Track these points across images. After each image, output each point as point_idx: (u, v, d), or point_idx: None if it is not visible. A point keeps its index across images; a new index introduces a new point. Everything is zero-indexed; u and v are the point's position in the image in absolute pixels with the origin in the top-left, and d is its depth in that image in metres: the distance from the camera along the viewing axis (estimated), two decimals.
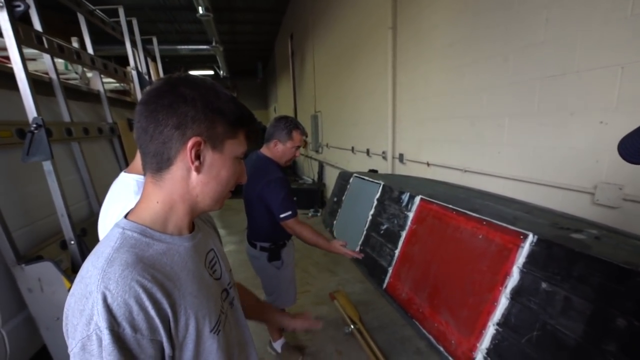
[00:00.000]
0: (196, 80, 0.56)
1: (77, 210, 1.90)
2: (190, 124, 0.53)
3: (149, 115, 0.53)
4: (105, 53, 5.74)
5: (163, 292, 0.50)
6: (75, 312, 0.46)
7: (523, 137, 1.86)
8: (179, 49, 8.35)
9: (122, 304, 0.45)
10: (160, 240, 0.55)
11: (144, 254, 0.52)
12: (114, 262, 0.48)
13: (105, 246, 0.51)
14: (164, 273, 0.52)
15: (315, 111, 6.72)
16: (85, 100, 2.38)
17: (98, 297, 0.44)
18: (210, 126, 0.55)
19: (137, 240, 0.53)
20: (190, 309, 0.54)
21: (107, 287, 0.45)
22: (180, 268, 0.55)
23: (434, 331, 1.76)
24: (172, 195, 0.57)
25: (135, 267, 0.48)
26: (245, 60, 14.75)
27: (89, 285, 0.46)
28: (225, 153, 0.58)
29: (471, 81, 2.21)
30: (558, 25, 1.61)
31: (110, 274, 0.47)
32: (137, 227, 0.54)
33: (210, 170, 0.57)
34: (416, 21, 2.78)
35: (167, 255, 0.55)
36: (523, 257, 1.42)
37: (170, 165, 0.55)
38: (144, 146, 0.55)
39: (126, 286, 0.46)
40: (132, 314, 0.46)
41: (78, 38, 2.58)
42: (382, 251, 2.50)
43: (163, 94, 0.53)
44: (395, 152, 3.39)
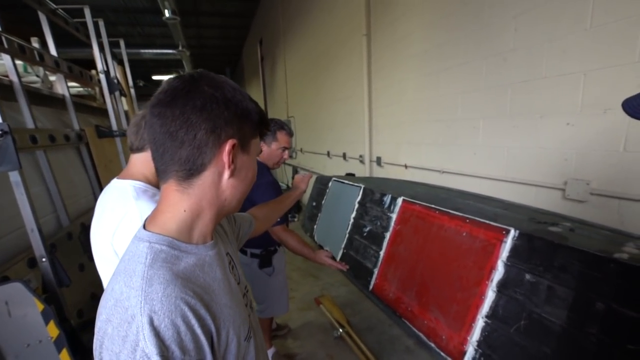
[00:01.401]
0: (216, 78, 0.53)
1: (44, 224, 1.74)
2: (224, 126, 0.50)
3: (177, 119, 0.48)
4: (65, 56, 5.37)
5: (205, 307, 0.47)
6: (115, 339, 0.41)
7: (497, 138, 1.98)
8: (143, 53, 8.00)
9: (169, 325, 0.42)
10: (188, 252, 0.51)
11: (177, 267, 0.48)
12: (152, 281, 0.44)
13: (135, 263, 0.46)
14: (200, 286, 0.49)
15: (288, 116, 6.70)
16: (47, 106, 2.21)
17: (144, 321, 0.41)
18: (240, 127, 0.53)
19: (167, 253, 0.49)
20: (228, 320, 0.51)
21: (153, 309, 0.42)
22: (212, 279, 0.53)
23: (424, 328, 1.81)
24: (201, 202, 0.53)
25: (176, 284, 0.45)
26: (213, 65, 14.42)
27: (130, 309, 0.42)
28: (251, 153, 0.57)
29: (446, 86, 2.32)
30: (526, 35, 1.74)
31: (152, 294, 0.43)
32: (164, 239, 0.50)
33: (240, 172, 0.55)
34: (390, 28, 2.88)
35: (198, 267, 0.51)
36: (506, 252, 1.50)
37: (203, 170, 0.51)
38: (169, 152, 0.50)
39: (172, 305, 0.43)
40: (180, 335, 0.43)
41: (39, 39, 2.39)
42: (367, 253, 2.53)
43: (190, 94, 0.49)
44: (373, 156, 3.46)
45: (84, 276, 1.86)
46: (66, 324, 1.46)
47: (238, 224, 0.83)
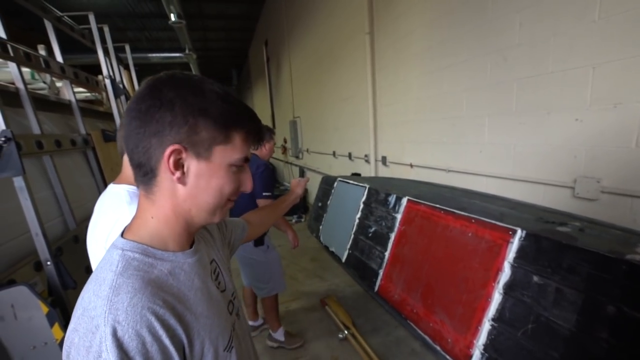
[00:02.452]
0: (181, 79, 0.49)
1: (51, 228, 1.77)
2: (168, 130, 0.47)
3: (129, 123, 0.47)
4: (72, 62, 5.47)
5: (176, 317, 0.45)
6: (80, 349, 0.40)
7: (503, 135, 1.93)
8: (150, 57, 8.10)
9: (134, 336, 0.41)
10: (163, 259, 0.50)
11: (149, 276, 0.46)
12: (120, 290, 0.43)
13: (107, 271, 0.45)
14: (174, 295, 0.47)
15: (294, 117, 6.70)
16: (54, 111, 2.24)
17: (107, 332, 0.40)
18: (191, 131, 0.47)
19: (140, 261, 0.47)
20: (204, 330, 0.50)
21: (116, 319, 0.41)
22: (188, 287, 0.51)
23: (430, 331, 1.78)
24: (165, 209, 0.51)
25: (145, 293, 0.44)
26: (219, 67, 14.53)
27: (95, 319, 0.41)
28: (215, 161, 0.50)
29: (450, 83, 2.28)
30: (531, 29, 1.69)
31: (117, 303, 0.42)
32: (137, 246, 0.49)
33: (198, 181, 0.50)
34: (393, 26, 2.85)
35: (172, 275, 0.49)
36: (513, 252, 1.46)
37: (155, 176, 0.49)
38: (129, 156, 0.49)
39: (137, 315, 0.42)
40: (146, 345, 0.41)
41: (45, 46, 2.44)
42: (372, 254, 2.50)
43: (142, 98, 0.47)
44: (378, 155, 3.43)
45: None
46: None
47: (229, 230, 0.81)
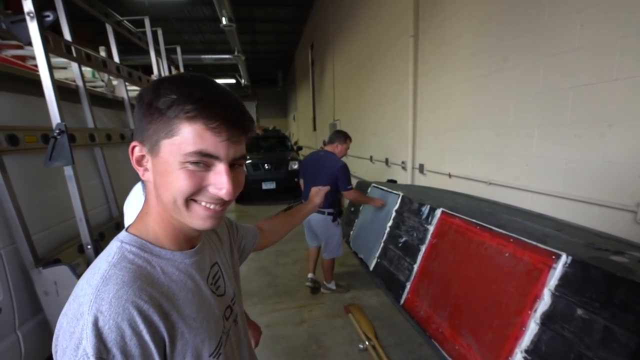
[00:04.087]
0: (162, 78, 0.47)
1: (97, 214, 1.93)
2: (137, 128, 0.47)
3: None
4: (133, 62, 5.99)
5: (160, 315, 0.45)
6: (65, 333, 0.41)
7: (554, 149, 1.74)
8: (203, 59, 8.59)
9: (113, 327, 0.41)
10: (160, 256, 0.50)
11: (141, 270, 0.47)
12: (109, 280, 0.44)
13: (103, 261, 0.47)
14: (163, 292, 0.47)
15: (334, 119, 6.70)
16: (110, 107, 2.45)
17: (89, 320, 0.40)
18: (144, 126, 0.46)
19: (135, 255, 0.48)
20: (189, 333, 0.49)
21: (99, 309, 0.41)
22: (180, 287, 0.50)
23: (455, 353, 1.65)
24: (155, 207, 0.51)
25: (132, 287, 0.44)
26: (266, 69, 15.04)
27: (82, 306, 0.42)
28: (162, 156, 0.45)
29: (497, 90, 2.12)
30: (594, 31, 1.51)
31: (104, 293, 0.42)
32: (136, 240, 0.50)
33: (156, 178, 0.48)
34: (439, 30, 2.72)
35: (165, 273, 0.50)
36: (555, 279, 1.31)
37: (139, 171, 0.50)
38: None
39: (120, 308, 0.42)
40: (125, 339, 0.41)
41: (105, 47, 2.68)
42: (400, 265, 2.40)
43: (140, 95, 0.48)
44: (416, 163, 3.30)
45: None
46: None
47: (240, 235, 0.81)
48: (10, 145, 1.33)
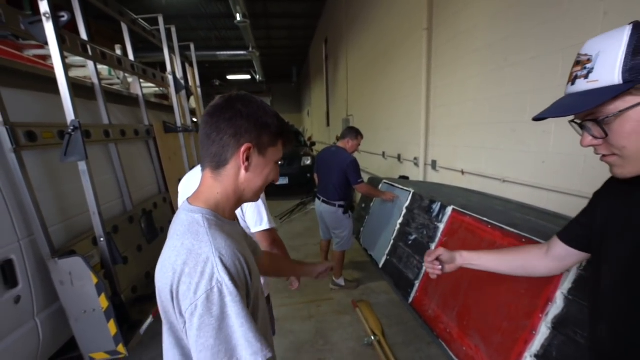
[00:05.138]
0: (249, 99, 0.69)
1: (111, 208, 2.00)
2: (244, 133, 0.66)
3: (212, 125, 0.66)
4: (149, 59, 6.11)
5: (245, 260, 0.63)
6: (193, 275, 0.56)
7: (573, 145, 1.66)
8: (218, 55, 8.68)
9: (232, 264, 0.59)
10: (225, 223, 0.69)
11: (226, 231, 0.65)
12: (215, 236, 0.61)
13: (197, 226, 0.63)
14: (240, 246, 0.66)
15: (347, 115, 6.66)
16: (125, 104, 2.52)
17: (217, 261, 0.57)
18: (258, 136, 0.68)
19: (215, 221, 0.66)
20: (253, 275, 0.66)
21: (221, 253, 0.59)
22: (239, 245, 0.66)
23: (462, 355, 1.62)
24: (228, 188, 0.70)
25: (230, 240, 0.63)
26: (280, 64, 15.06)
27: (203, 254, 0.58)
28: (268, 157, 0.71)
29: (513, 84, 2.04)
30: (619, 18, 1.42)
31: (218, 244, 0.60)
32: (210, 212, 0.67)
33: (256, 169, 0.70)
34: (453, 22, 2.64)
35: (233, 234, 0.68)
36: (569, 282, 1.25)
37: (226, 164, 0.68)
38: (206, 148, 0.68)
39: (231, 252, 0.60)
40: (238, 271, 0.60)
41: (121, 45, 2.74)
42: (410, 263, 2.37)
43: (224, 109, 0.66)
44: (428, 159, 3.24)
45: (141, 256, 2.08)
46: (116, 298, 1.65)
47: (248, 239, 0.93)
48: (29, 141, 1.38)
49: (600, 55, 0.52)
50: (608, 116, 0.54)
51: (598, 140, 0.58)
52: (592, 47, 0.54)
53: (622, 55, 0.49)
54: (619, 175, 0.59)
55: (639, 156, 0.54)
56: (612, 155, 0.57)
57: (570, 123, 0.64)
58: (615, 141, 0.55)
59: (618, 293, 0.62)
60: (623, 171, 0.58)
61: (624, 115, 0.52)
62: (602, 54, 0.52)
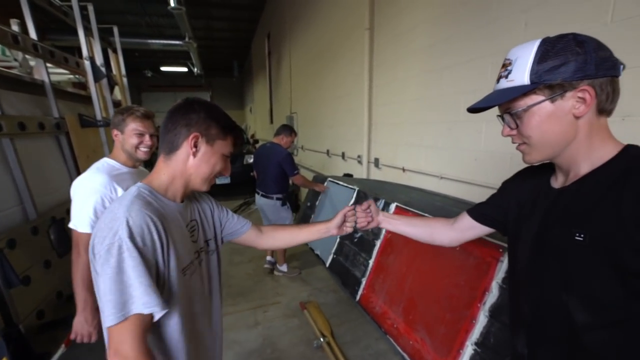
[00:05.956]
0: (206, 102, 0.81)
1: (5, 217, 1.64)
2: (194, 124, 0.78)
3: (170, 119, 0.78)
4: (65, 43, 5.30)
5: (162, 227, 0.71)
6: (104, 230, 0.65)
7: (501, 144, 1.80)
8: (150, 43, 7.89)
9: (138, 225, 0.66)
10: (161, 200, 0.77)
11: (152, 203, 0.73)
12: (134, 203, 0.70)
13: (127, 195, 0.73)
14: (164, 216, 0.74)
15: (291, 112, 6.56)
16: (27, 92, 2.10)
17: (123, 220, 0.65)
18: (207, 127, 0.79)
19: (147, 195, 0.75)
20: (173, 247, 0.73)
21: (130, 215, 0.67)
22: (171, 220, 0.76)
23: (409, 349, 1.66)
24: (175, 171, 0.80)
25: (148, 208, 0.70)
26: (220, 58, 14.32)
27: (117, 214, 0.67)
28: (215, 148, 0.81)
29: (449, 84, 2.15)
30: (538, 30, 1.56)
31: (132, 209, 0.68)
32: (147, 187, 0.77)
33: (203, 157, 0.80)
34: (394, 21, 2.71)
35: (164, 209, 0.76)
36: (503, 272, 1.34)
37: (177, 150, 0.78)
38: (163, 136, 0.79)
39: (141, 216, 0.68)
40: (143, 233, 0.67)
41: (19, 21, 2.29)
42: (356, 260, 2.38)
43: (182, 107, 0.79)
44: (371, 157, 3.30)
45: (50, 274, 1.76)
46: (12, 330, 1.35)
47: (229, 218, 1.03)
48: None
49: (517, 60, 0.63)
50: (518, 110, 0.64)
51: (513, 130, 0.68)
52: (514, 53, 0.65)
53: (531, 61, 0.60)
54: (528, 162, 0.70)
55: (542, 144, 0.65)
56: (523, 144, 0.68)
57: (497, 117, 0.75)
58: (524, 131, 0.65)
59: (532, 263, 0.72)
60: (531, 158, 0.69)
61: (530, 110, 0.63)
62: (519, 59, 0.63)
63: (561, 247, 0.64)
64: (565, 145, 0.64)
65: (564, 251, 0.63)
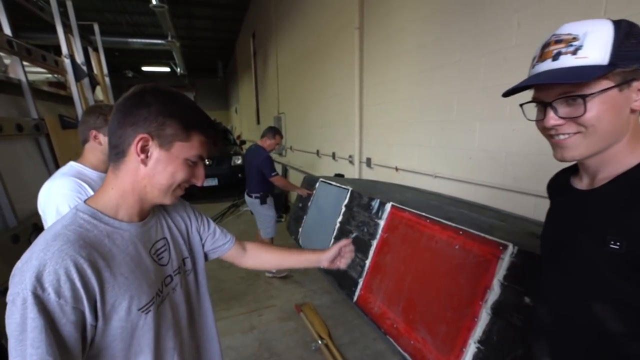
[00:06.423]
0: (162, 90, 0.63)
1: None
2: (141, 123, 0.60)
3: (115, 115, 0.62)
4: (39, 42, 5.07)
5: (93, 270, 0.56)
6: (17, 271, 0.53)
7: (495, 142, 1.82)
8: (130, 42, 7.66)
9: (52, 273, 0.52)
10: (107, 224, 0.62)
11: (87, 234, 0.58)
12: (57, 238, 0.55)
13: (59, 223, 0.59)
14: (101, 253, 0.58)
15: (279, 113, 6.50)
16: (1, 91, 1.98)
17: (34, 264, 0.52)
18: (159, 127, 0.61)
19: (85, 221, 0.60)
20: (119, 288, 0.59)
21: (44, 257, 0.52)
22: (119, 251, 0.62)
23: (410, 348, 1.65)
24: (125, 183, 0.64)
25: (74, 245, 0.55)
26: (204, 58, 14.08)
27: (33, 253, 0.53)
28: (173, 152, 0.63)
29: (441, 85, 2.16)
30: (530, 30, 1.59)
31: (51, 247, 0.54)
32: (89, 209, 0.62)
33: (157, 165, 0.63)
34: (385, 21, 2.71)
35: (109, 238, 0.61)
36: (503, 270, 1.35)
37: (124, 156, 0.62)
38: (109, 140, 0.63)
39: (59, 259, 0.53)
40: (60, 282, 0.52)
41: None
42: (352, 261, 2.36)
43: (130, 98, 0.62)
44: (363, 156, 3.30)
45: None
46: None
47: (211, 232, 0.91)
48: None
49: (589, 36, 0.53)
50: (593, 93, 0.53)
51: (561, 120, 0.58)
52: (576, 29, 0.55)
53: (612, 38, 0.51)
54: (566, 158, 0.60)
55: (600, 137, 0.56)
56: (574, 134, 0.57)
57: (523, 105, 0.66)
58: (587, 120, 0.55)
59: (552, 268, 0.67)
60: (574, 154, 0.59)
61: (601, 96, 0.53)
62: (591, 35, 0.53)
63: (588, 254, 0.58)
64: (615, 141, 0.56)
65: (593, 259, 0.57)
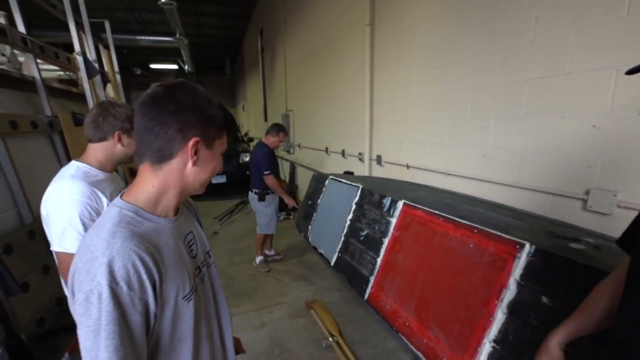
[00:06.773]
0: (191, 89, 0.66)
1: (2, 221, 1.56)
2: (190, 128, 0.64)
3: (154, 118, 0.62)
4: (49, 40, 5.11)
5: (154, 261, 0.60)
6: (82, 271, 0.55)
7: (510, 140, 1.79)
8: (139, 40, 7.70)
9: (121, 267, 0.55)
10: (150, 220, 0.66)
11: (137, 230, 0.62)
12: (115, 235, 0.58)
13: (107, 221, 0.61)
14: (155, 246, 0.62)
15: (287, 110, 6.49)
16: (16, 88, 2.00)
17: (103, 262, 0.55)
18: (205, 130, 0.66)
19: (132, 218, 0.63)
20: (171, 277, 0.64)
21: (111, 254, 0.56)
22: (165, 244, 0.65)
23: (423, 347, 1.64)
24: (167, 181, 0.67)
25: (132, 240, 0.59)
26: (212, 55, 14.11)
27: (95, 252, 0.56)
28: (215, 150, 0.70)
29: (455, 81, 2.13)
30: (548, 25, 1.55)
31: (113, 244, 0.57)
32: (132, 207, 0.65)
33: (203, 163, 0.69)
34: (396, 18, 2.68)
35: (155, 232, 0.65)
36: (520, 269, 1.33)
37: (171, 158, 0.65)
38: (147, 142, 0.64)
39: (125, 254, 0.57)
40: (129, 275, 0.56)
41: (5, 13, 2.17)
42: (363, 259, 2.35)
43: (165, 99, 0.63)
44: (373, 154, 3.28)
45: (48, 279, 1.67)
46: (13, 340, 1.28)
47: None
48: None
49: None
50: None
51: None
52: None
53: None
54: None
55: None
56: None
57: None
58: None
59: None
60: None
61: None
62: None
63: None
64: None
65: None
